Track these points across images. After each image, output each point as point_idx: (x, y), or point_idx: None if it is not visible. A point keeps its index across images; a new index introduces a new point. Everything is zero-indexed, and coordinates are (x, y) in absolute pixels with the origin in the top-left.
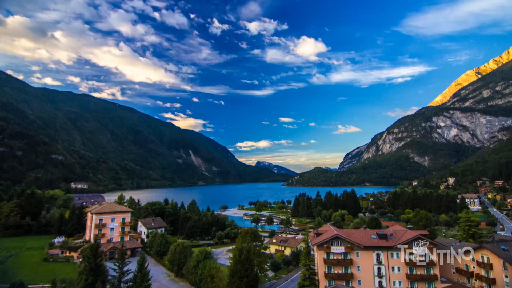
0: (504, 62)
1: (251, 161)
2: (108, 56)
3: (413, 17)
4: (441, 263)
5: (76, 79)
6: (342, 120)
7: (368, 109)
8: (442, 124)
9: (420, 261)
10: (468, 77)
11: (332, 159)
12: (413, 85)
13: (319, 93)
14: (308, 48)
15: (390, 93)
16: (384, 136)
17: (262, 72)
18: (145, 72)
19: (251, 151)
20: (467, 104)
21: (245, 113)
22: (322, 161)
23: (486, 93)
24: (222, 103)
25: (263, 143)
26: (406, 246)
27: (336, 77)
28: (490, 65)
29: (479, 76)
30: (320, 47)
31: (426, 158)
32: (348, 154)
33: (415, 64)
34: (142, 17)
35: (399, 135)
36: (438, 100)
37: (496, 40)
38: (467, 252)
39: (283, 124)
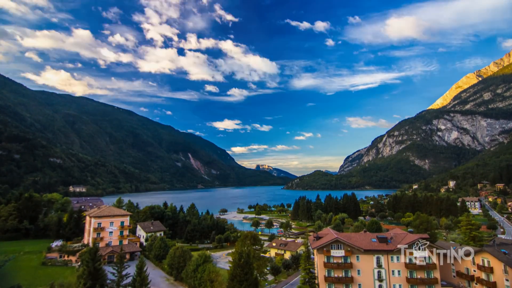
0: (505, 65)
1: (250, 164)
2: None
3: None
4: (442, 266)
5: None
6: (307, 128)
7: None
8: (443, 127)
9: (421, 264)
10: (468, 79)
11: (326, 162)
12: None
13: (289, 99)
14: (261, 64)
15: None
16: (384, 139)
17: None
18: None
19: (251, 154)
20: (467, 107)
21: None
22: (315, 164)
23: (487, 95)
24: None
25: (238, 149)
26: (406, 247)
27: (301, 84)
28: (491, 68)
29: (480, 78)
30: (271, 66)
31: (426, 161)
32: (348, 157)
33: (372, 72)
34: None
35: (400, 138)
36: (438, 103)
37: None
38: (467, 254)
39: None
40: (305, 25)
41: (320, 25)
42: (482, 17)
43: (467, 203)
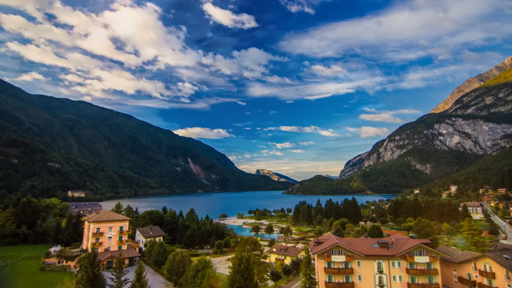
0: (507, 69)
1: (250, 169)
2: None
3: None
4: (443, 272)
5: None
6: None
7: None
8: (444, 132)
9: (422, 270)
10: (470, 83)
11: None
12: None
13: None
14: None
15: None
16: (385, 143)
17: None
18: None
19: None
20: (469, 111)
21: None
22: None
23: (488, 100)
24: None
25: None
26: (407, 252)
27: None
28: (493, 72)
29: (482, 82)
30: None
31: (428, 165)
32: (349, 161)
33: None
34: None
35: (401, 143)
36: (440, 107)
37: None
38: (469, 261)
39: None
40: None
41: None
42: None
43: (468, 208)
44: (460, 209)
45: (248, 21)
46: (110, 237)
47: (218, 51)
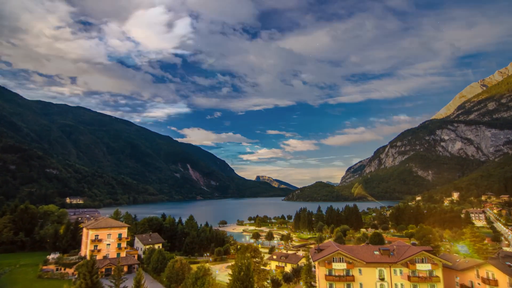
0: (510, 74)
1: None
2: None
3: None
4: (445, 279)
5: None
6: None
7: None
8: (446, 137)
9: (424, 277)
10: (472, 89)
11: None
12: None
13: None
14: None
15: None
16: (386, 149)
17: None
18: None
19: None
20: (471, 116)
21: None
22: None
23: (491, 105)
24: None
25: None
26: (409, 259)
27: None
28: (496, 77)
29: (484, 88)
30: None
31: (429, 172)
32: (350, 168)
33: None
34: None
35: (402, 149)
36: (442, 112)
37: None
38: (471, 268)
39: None
40: None
41: None
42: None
43: (471, 215)
44: (462, 216)
45: None
46: (109, 244)
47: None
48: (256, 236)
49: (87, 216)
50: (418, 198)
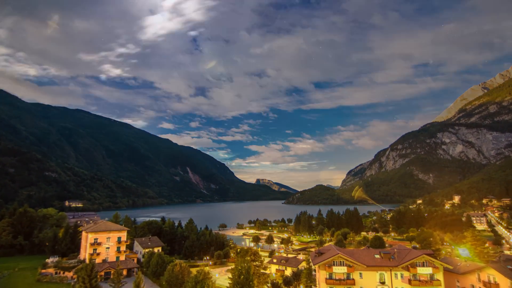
0: (511, 77)
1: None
2: None
3: None
4: (446, 283)
5: None
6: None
7: None
8: (447, 140)
9: (425, 281)
10: (474, 92)
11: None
12: None
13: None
14: None
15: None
16: (387, 152)
17: None
18: None
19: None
20: (473, 119)
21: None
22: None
23: (492, 108)
24: None
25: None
26: (410, 263)
27: None
28: (497, 80)
29: (485, 91)
30: None
31: (430, 175)
32: (350, 171)
33: None
34: None
35: (403, 152)
36: (443, 115)
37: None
38: (472, 272)
39: None
40: None
41: None
42: None
43: (472, 218)
44: (463, 219)
45: None
46: (108, 248)
47: None
48: (256, 239)
49: (86, 219)
50: (419, 201)
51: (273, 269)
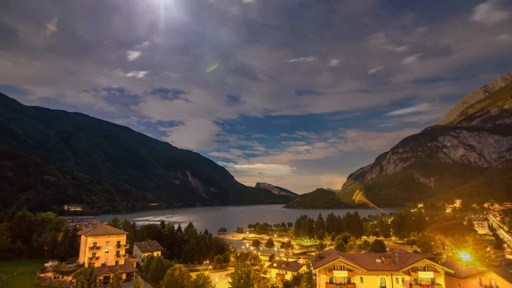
0: None
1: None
2: None
3: None
4: (447, 287)
5: None
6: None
7: None
8: (449, 144)
9: (426, 285)
10: (475, 95)
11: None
12: None
13: None
14: None
15: None
16: (388, 156)
17: None
18: None
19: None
20: (474, 123)
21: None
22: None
23: (494, 111)
24: None
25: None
26: (411, 267)
27: None
28: (499, 83)
29: (487, 94)
30: None
31: (431, 179)
32: (351, 174)
33: None
34: None
35: (404, 155)
36: (444, 119)
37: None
38: (474, 276)
39: None
40: None
41: None
42: None
43: (473, 222)
44: (465, 223)
45: None
46: (107, 252)
47: None
48: (256, 243)
49: (85, 223)
50: (420, 205)
51: (273, 273)
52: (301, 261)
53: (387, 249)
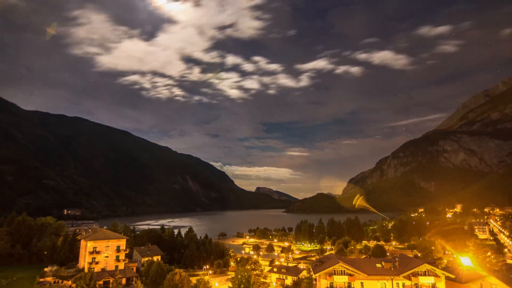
0: None
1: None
2: None
3: None
4: None
5: None
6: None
7: None
8: (449, 148)
9: None
10: (476, 99)
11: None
12: None
13: None
14: None
15: None
16: (389, 160)
17: None
18: None
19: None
20: (475, 127)
21: None
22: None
23: (494, 116)
24: None
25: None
26: (411, 272)
27: None
28: (499, 87)
29: (488, 98)
30: None
31: (432, 183)
32: (351, 179)
33: None
34: None
35: (405, 160)
36: (445, 123)
37: None
38: (475, 281)
39: None
40: None
41: None
42: None
43: (474, 227)
44: (465, 228)
45: None
46: (107, 256)
47: None
48: (256, 248)
49: (85, 228)
50: (421, 210)
51: (273, 278)
52: (301, 266)
53: (388, 253)
